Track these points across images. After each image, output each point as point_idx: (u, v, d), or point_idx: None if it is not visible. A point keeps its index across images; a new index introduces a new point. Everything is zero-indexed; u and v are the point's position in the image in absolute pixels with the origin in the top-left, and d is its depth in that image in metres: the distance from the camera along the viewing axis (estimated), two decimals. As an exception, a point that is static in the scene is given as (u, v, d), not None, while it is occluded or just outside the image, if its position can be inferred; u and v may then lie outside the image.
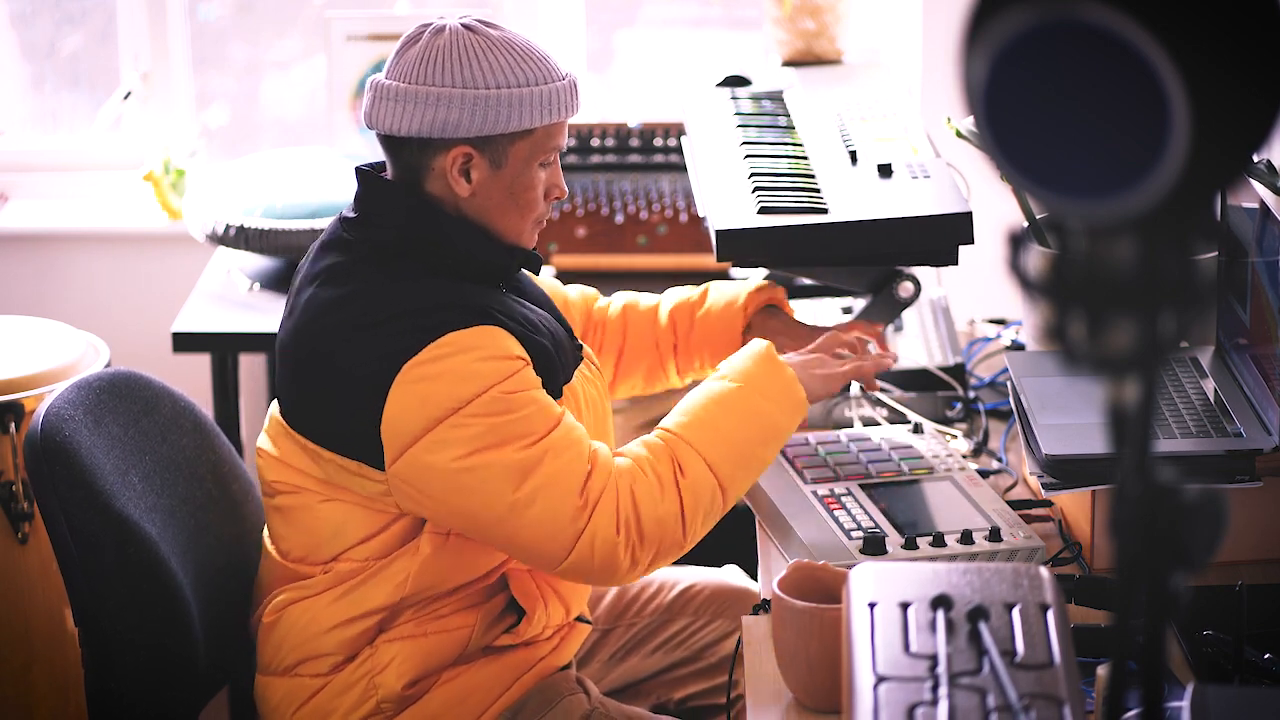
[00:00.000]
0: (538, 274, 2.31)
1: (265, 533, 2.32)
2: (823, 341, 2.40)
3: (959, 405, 2.66)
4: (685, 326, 2.53)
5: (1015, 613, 1.56)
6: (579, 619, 2.36)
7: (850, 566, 1.74)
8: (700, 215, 2.71)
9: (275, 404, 2.26)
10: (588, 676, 2.44)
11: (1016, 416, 2.39)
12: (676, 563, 2.66)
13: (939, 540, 2.17)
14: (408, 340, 2.09)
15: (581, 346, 2.34)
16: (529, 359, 2.14)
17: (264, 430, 2.28)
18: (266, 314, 3.24)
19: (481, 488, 2.09)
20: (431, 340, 2.09)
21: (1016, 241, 1.17)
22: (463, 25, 2.17)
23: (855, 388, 2.64)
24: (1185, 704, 1.55)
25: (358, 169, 2.24)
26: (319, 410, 2.16)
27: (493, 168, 2.17)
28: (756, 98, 3.03)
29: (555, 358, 2.19)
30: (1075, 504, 2.28)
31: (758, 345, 2.28)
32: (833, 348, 2.39)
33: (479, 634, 2.23)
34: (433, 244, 2.17)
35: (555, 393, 2.19)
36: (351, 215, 2.21)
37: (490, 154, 2.17)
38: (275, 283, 3.39)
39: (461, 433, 2.08)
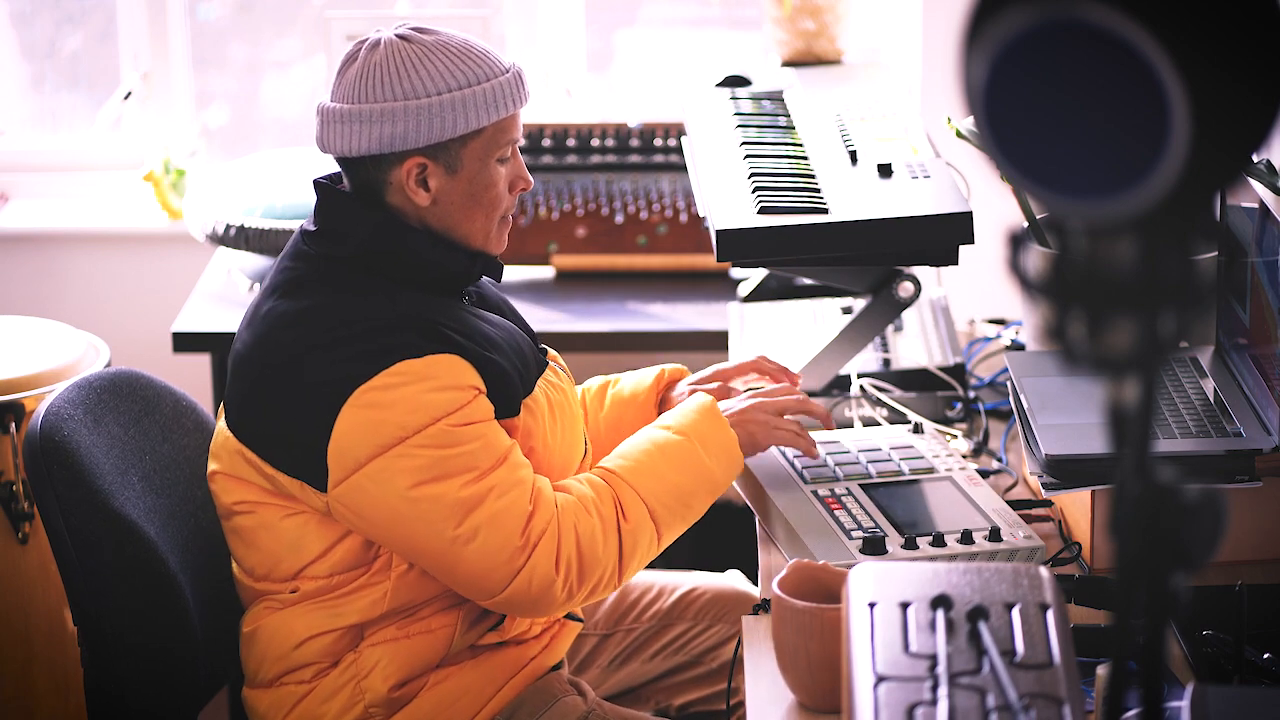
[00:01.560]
0: (499, 280, 2.30)
1: (231, 558, 2.31)
2: (769, 391, 2.36)
3: (959, 405, 2.66)
4: (596, 405, 2.50)
5: (1015, 613, 1.56)
6: (569, 616, 2.35)
7: (850, 566, 1.74)
8: (700, 215, 2.71)
9: (221, 423, 2.24)
10: (586, 682, 2.44)
11: (1016, 416, 2.39)
12: (678, 567, 2.67)
13: (939, 540, 2.17)
14: (362, 363, 2.09)
15: (546, 352, 2.34)
16: (483, 386, 2.13)
17: (210, 452, 2.27)
18: (266, 314, 3.24)
19: (422, 521, 2.10)
20: (386, 366, 2.08)
21: (1016, 241, 1.17)
22: (397, 36, 2.15)
23: (855, 388, 2.64)
24: (1185, 704, 1.55)
25: (315, 181, 2.23)
26: (268, 425, 2.16)
27: (449, 173, 2.16)
28: (756, 98, 3.03)
29: (514, 375, 2.18)
30: (1075, 504, 2.28)
31: (701, 400, 2.28)
32: (778, 397, 2.35)
33: (461, 633, 2.23)
34: (392, 256, 2.16)
35: (514, 409, 2.18)
36: (311, 228, 2.21)
37: (444, 160, 2.16)
38: (275, 283, 3.39)
39: (407, 463, 2.08)
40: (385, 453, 2.08)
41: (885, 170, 2.57)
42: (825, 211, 2.45)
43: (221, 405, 2.27)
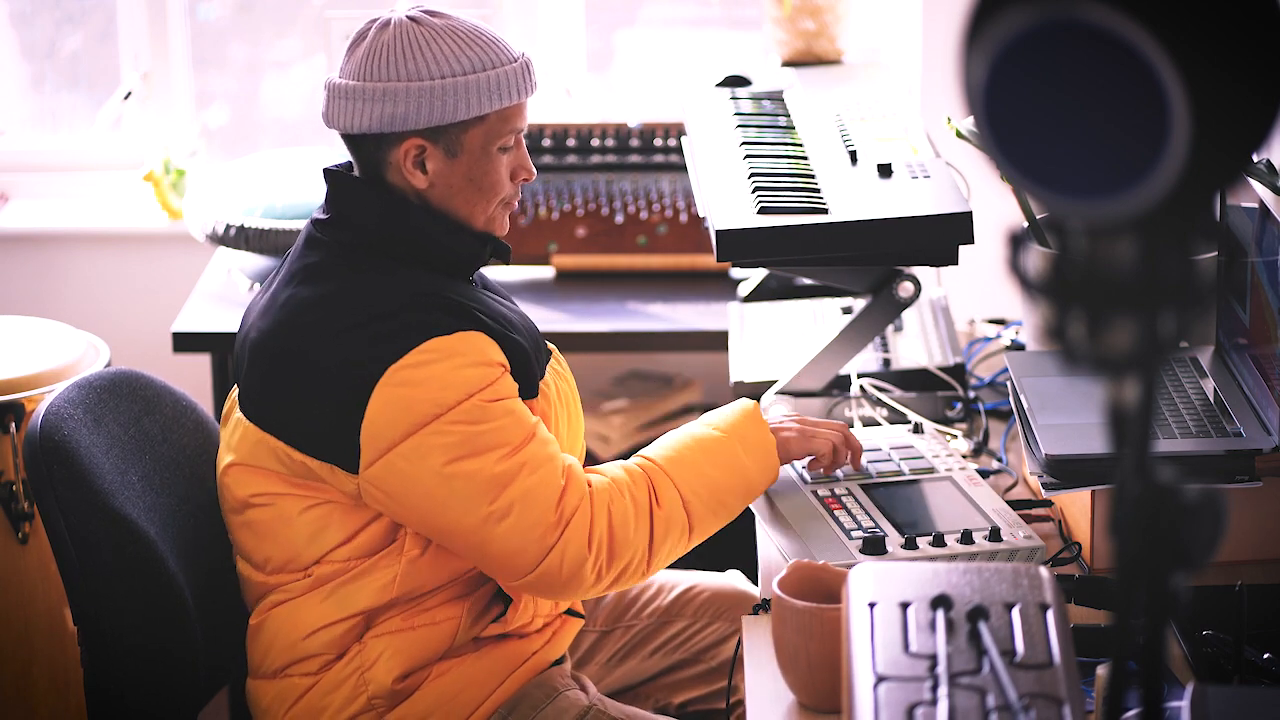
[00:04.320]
0: (507, 263, 2.31)
1: (235, 553, 2.31)
2: (825, 422, 2.35)
3: (959, 405, 2.66)
4: None
5: (1015, 613, 1.56)
6: (570, 613, 2.35)
7: (850, 566, 1.74)
8: (700, 215, 2.71)
9: (236, 414, 2.24)
10: (587, 678, 2.44)
11: (1016, 416, 2.39)
12: (678, 565, 2.67)
13: (939, 540, 2.17)
14: (392, 344, 2.09)
15: (547, 343, 2.34)
16: (508, 364, 2.14)
17: (224, 445, 2.26)
18: (266, 314, 3.24)
19: (456, 498, 2.10)
20: (416, 344, 2.09)
21: (1016, 241, 1.17)
22: (408, 17, 2.17)
23: (855, 388, 2.64)
24: (1185, 704, 1.55)
25: (325, 169, 2.24)
26: (294, 411, 2.16)
27: (448, 157, 2.17)
28: (756, 98, 3.03)
29: (531, 355, 2.19)
30: (1075, 504, 2.28)
31: (745, 403, 2.29)
32: (821, 427, 2.34)
33: (466, 625, 2.23)
34: (404, 239, 2.17)
35: (533, 390, 2.19)
36: (323, 216, 2.22)
37: (444, 143, 2.16)
38: (275, 283, 3.39)
39: (441, 440, 2.09)
40: (419, 430, 2.08)
41: (885, 170, 2.57)
42: (825, 211, 2.45)
43: (231, 399, 2.27)
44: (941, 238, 2.41)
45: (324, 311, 2.14)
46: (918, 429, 2.49)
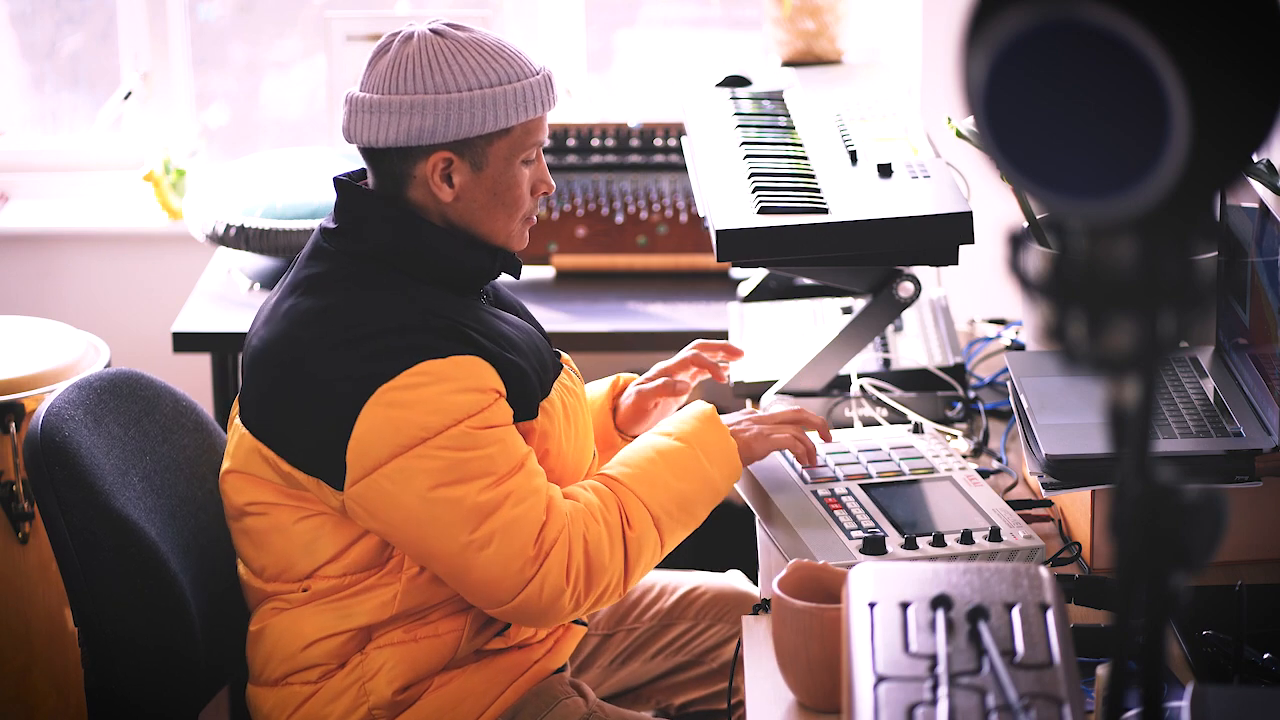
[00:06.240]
0: (517, 277, 2.30)
1: (238, 559, 2.31)
2: (779, 414, 2.35)
3: (959, 405, 2.66)
4: None
5: (1015, 613, 1.56)
6: (574, 620, 2.35)
7: (850, 566, 1.74)
8: (700, 215, 2.71)
9: (237, 421, 2.24)
10: (587, 682, 2.44)
11: (1016, 416, 2.39)
12: (678, 566, 2.67)
13: (939, 540, 2.17)
14: (385, 362, 2.08)
15: (560, 354, 2.34)
16: (503, 389, 2.13)
17: (226, 454, 2.26)
18: (266, 314, 3.23)
19: (437, 524, 2.09)
20: (409, 365, 2.08)
21: (1016, 241, 1.17)
22: (431, 30, 2.16)
23: (855, 388, 2.64)
24: (1185, 704, 1.55)
25: (336, 179, 2.23)
26: (287, 422, 2.15)
27: (474, 170, 2.16)
28: (756, 98, 3.03)
29: (532, 376, 2.18)
30: (1075, 504, 2.28)
31: (701, 407, 2.28)
32: (781, 418, 2.34)
33: (468, 638, 2.23)
34: (413, 254, 2.16)
35: (532, 411, 2.18)
36: (331, 226, 2.21)
37: (470, 156, 2.16)
38: (275, 283, 3.39)
39: (426, 464, 2.08)
40: (405, 453, 2.08)
41: (885, 170, 2.57)
42: (825, 211, 2.45)
43: (235, 405, 2.27)
44: (941, 238, 2.41)
45: (323, 325, 2.13)
46: (918, 429, 2.49)
